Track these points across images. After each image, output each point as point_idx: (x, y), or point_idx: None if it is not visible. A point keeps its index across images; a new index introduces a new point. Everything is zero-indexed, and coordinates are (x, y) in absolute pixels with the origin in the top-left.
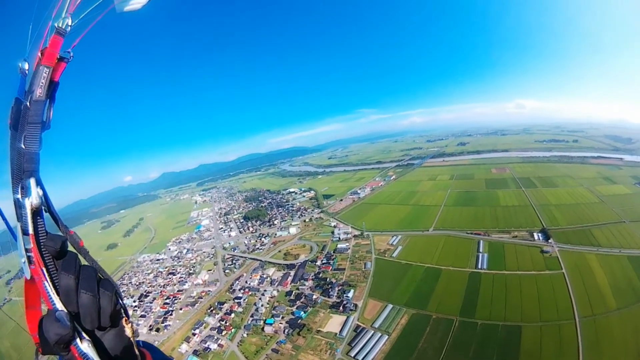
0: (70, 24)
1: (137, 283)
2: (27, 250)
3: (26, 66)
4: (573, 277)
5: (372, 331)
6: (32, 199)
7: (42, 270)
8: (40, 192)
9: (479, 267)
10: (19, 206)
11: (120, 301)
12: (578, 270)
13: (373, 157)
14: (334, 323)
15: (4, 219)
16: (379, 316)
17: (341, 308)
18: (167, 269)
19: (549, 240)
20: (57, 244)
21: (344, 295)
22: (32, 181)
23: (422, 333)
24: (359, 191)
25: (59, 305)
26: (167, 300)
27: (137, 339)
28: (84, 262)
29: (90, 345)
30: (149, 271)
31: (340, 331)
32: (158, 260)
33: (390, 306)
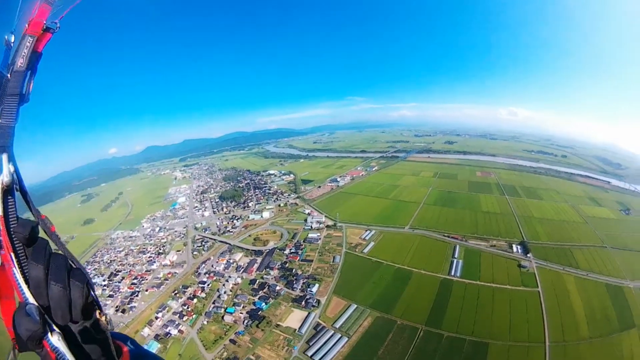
0: None
1: (109, 261)
2: None
3: (12, 39)
4: (548, 297)
5: (332, 331)
6: (3, 177)
7: (10, 256)
8: (12, 169)
9: (452, 274)
10: None
11: (93, 293)
12: (554, 291)
13: (358, 145)
14: (294, 318)
15: None
16: (342, 316)
17: (304, 303)
18: (138, 247)
19: (528, 255)
20: (27, 229)
21: (308, 289)
22: (4, 157)
23: (384, 339)
24: (338, 179)
25: (29, 298)
26: (135, 281)
27: (112, 331)
28: (54, 248)
29: (60, 338)
30: (121, 248)
31: (300, 327)
32: (131, 237)
33: (354, 306)
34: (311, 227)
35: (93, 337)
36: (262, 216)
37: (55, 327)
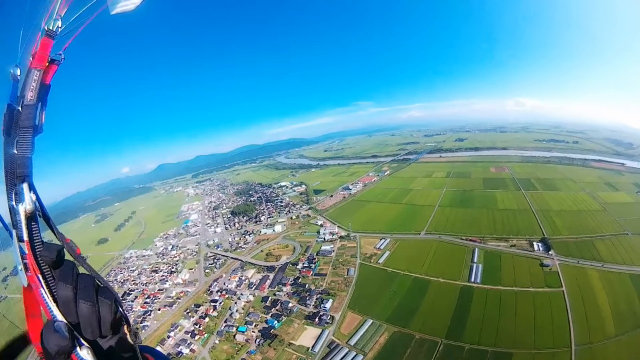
0: (60, 25)
1: (122, 280)
2: (23, 257)
3: (18, 72)
4: (573, 296)
5: (347, 349)
6: (26, 205)
7: (38, 277)
8: (34, 197)
9: (472, 280)
10: (13, 213)
11: (121, 309)
12: (579, 289)
13: (369, 150)
14: (307, 336)
15: None
16: (357, 332)
17: (317, 320)
18: (150, 266)
19: (550, 252)
20: (53, 253)
21: (322, 305)
22: (25, 186)
23: (402, 356)
24: (350, 187)
25: (58, 316)
26: (148, 300)
27: (139, 344)
28: (81, 269)
29: (89, 352)
30: (134, 268)
31: (313, 346)
32: (144, 256)
33: (370, 321)
34: (324, 239)
35: (121, 351)
36: (274, 230)
37: (83, 342)
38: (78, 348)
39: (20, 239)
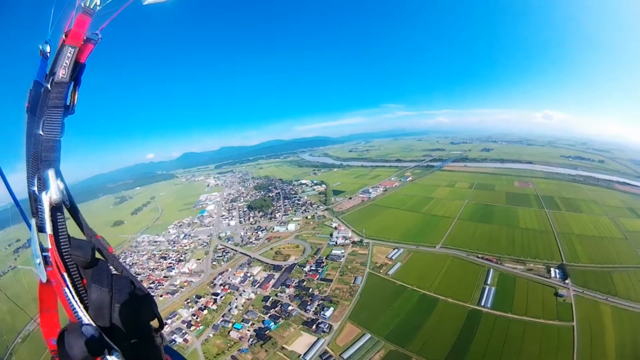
0: (98, 4)
1: (130, 264)
2: (42, 250)
3: (47, 48)
4: (582, 333)
5: None
6: (52, 194)
7: (62, 275)
8: (62, 186)
9: (483, 304)
10: (34, 199)
11: (156, 311)
12: (589, 325)
13: (393, 154)
14: (302, 342)
15: (11, 192)
16: (352, 345)
17: (314, 327)
18: (160, 252)
19: (566, 281)
20: (88, 253)
21: (322, 312)
22: (51, 173)
23: None
24: (370, 190)
25: (85, 319)
26: (152, 285)
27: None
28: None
29: (119, 356)
30: (144, 252)
31: (305, 354)
32: (156, 242)
33: (368, 336)
34: (336, 242)
35: (148, 352)
36: (287, 228)
37: (114, 346)
38: (107, 353)
39: (41, 230)
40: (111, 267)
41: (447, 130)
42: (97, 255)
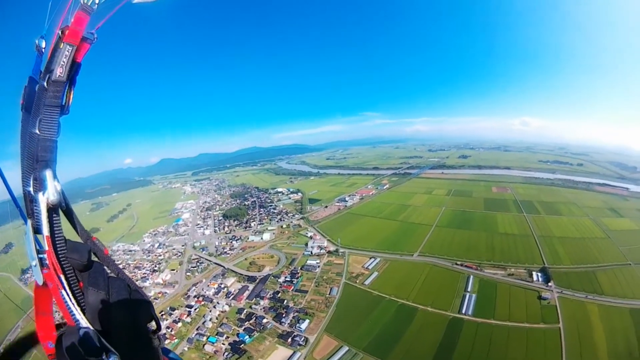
0: (97, 2)
1: None
2: (39, 252)
3: (43, 44)
4: (569, 333)
5: None
6: (49, 195)
7: (59, 277)
8: (59, 187)
9: (464, 311)
10: (30, 200)
11: (153, 312)
12: (576, 325)
13: (371, 162)
14: (277, 356)
15: (9, 189)
16: (330, 358)
17: (290, 340)
18: (135, 262)
19: (549, 283)
20: (84, 256)
21: (297, 325)
22: (48, 173)
23: None
24: (347, 198)
25: (83, 322)
26: None
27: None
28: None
29: (117, 359)
30: (119, 262)
31: None
32: (130, 251)
33: (345, 348)
34: (311, 252)
35: (146, 355)
36: (262, 238)
37: (113, 349)
38: (106, 356)
39: (37, 231)
40: (107, 269)
41: (425, 138)
42: (93, 257)
